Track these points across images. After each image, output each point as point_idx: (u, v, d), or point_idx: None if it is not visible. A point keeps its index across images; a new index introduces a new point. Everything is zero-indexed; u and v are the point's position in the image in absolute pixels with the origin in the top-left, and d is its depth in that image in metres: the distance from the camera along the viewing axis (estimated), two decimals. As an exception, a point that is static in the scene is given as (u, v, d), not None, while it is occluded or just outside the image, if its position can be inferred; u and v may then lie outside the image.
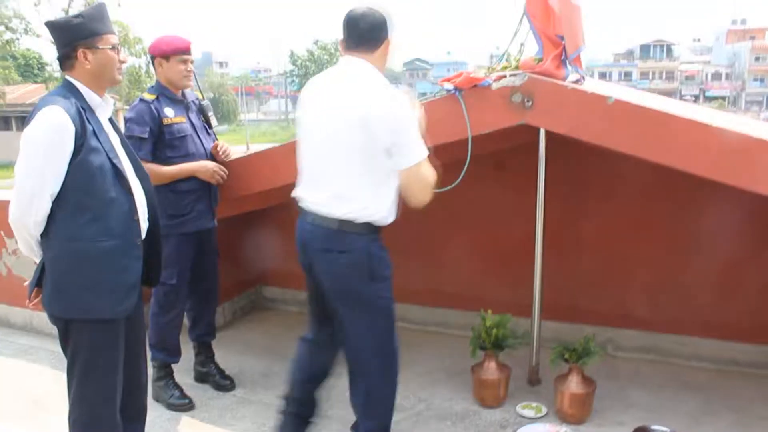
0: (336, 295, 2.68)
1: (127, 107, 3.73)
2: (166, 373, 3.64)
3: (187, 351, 3.80)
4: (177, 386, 3.63)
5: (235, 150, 3.79)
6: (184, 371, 3.79)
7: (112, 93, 23.13)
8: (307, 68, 59.33)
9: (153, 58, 3.47)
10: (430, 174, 2.56)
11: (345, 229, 2.57)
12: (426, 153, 2.54)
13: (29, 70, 42.28)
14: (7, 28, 20.70)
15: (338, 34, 2.67)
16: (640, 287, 4.02)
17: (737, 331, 3.86)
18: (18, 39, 20.73)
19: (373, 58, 2.59)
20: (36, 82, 34.79)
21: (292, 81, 63.93)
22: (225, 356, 3.96)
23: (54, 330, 2.46)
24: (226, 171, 3.55)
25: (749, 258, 3.77)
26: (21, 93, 29.67)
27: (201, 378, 3.83)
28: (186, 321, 3.81)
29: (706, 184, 2.74)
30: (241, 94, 64.41)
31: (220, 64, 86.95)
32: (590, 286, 4.05)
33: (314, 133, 2.65)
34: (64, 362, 2.44)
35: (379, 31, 2.58)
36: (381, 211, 2.60)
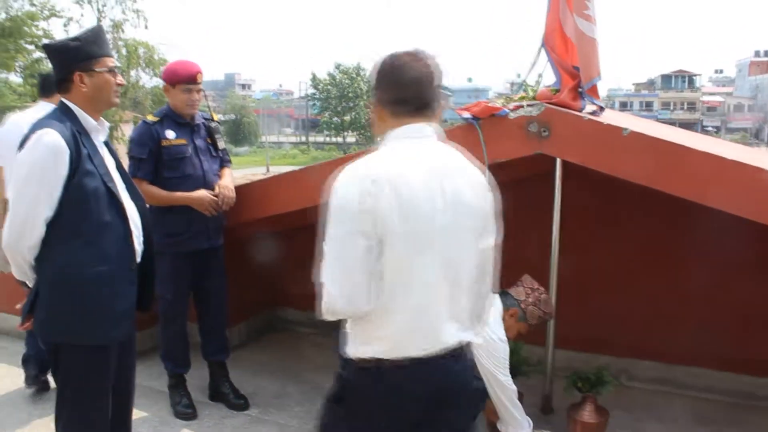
0: None
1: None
2: (177, 382, 3.75)
3: (204, 368, 3.86)
4: (186, 395, 3.72)
5: (255, 171, 3.85)
6: (199, 389, 3.83)
7: (136, 112, 23.49)
8: (328, 92, 59.78)
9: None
10: None
11: None
12: None
13: (56, 88, 43.12)
14: (36, 47, 21.20)
15: (358, 58, 2.62)
16: (656, 318, 4.00)
17: (755, 364, 3.82)
18: (46, 58, 21.17)
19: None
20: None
21: (314, 104, 64.43)
22: (239, 376, 3.99)
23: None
24: (224, 202, 3.55)
25: None
26: (47, 110, 30.43)
27: (215, 396, 3.86)
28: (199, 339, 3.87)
29: (724, 217, 2.75)
30: (263, 116, 65.07)
31: (243, 86, 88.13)
32: (605, 315, 4.04)
33: None
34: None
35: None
36: None
